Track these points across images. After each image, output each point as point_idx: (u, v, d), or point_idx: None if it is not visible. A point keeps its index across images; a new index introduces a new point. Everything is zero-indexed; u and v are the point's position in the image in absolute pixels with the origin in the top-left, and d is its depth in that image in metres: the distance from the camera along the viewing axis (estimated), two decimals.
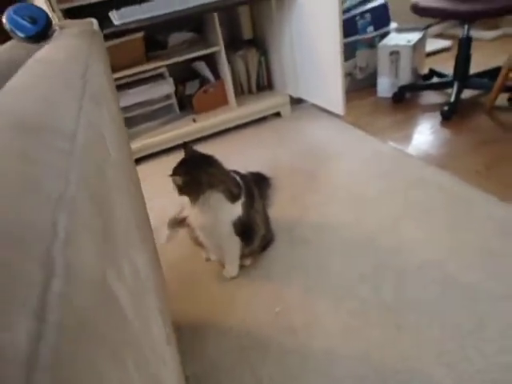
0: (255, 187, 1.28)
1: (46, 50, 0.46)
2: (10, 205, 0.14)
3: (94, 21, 0.77)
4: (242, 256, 1.29)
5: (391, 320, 1.06)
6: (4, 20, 0.70)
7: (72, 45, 0.50)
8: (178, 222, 1.21)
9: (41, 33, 0.69)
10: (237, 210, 1.16)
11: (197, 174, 1.09)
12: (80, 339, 0.13)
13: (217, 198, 1.11)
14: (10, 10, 0.71)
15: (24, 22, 0.70)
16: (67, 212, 0.16)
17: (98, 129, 0.29)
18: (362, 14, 2.29)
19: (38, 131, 0.20)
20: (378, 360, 0.97)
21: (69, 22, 0.75)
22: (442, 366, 0.93)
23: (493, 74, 2.04)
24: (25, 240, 0.13)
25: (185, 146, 1.17)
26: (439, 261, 1.21)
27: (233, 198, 1.14)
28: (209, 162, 1.14)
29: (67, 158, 0.19)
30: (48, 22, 0.71)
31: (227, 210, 1.15)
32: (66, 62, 0.39)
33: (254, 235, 1.25)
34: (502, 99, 1.99)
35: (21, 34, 0.71)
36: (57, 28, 0.71)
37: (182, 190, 1.11)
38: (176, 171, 1.11)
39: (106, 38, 1.70)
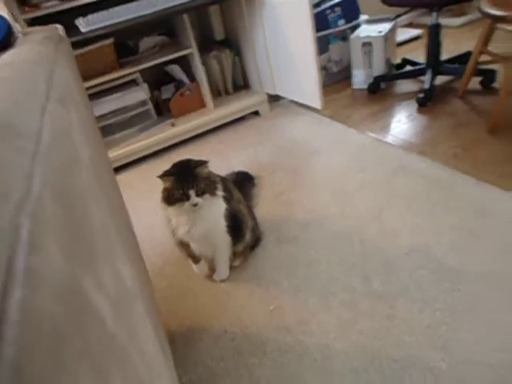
0: (230, 181, 1.29)
1: (8, 56, 0.43)
2: None
3: (59, 26, 0.74)
4: (234, 254, 1.28)
5: (383, 309, 1.06)
6: None
7: (36, 50, 0.48)
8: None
9: (2, 40, 0.66)
10: (221, 203, 1.15)
11: (189, 170, 1.08)
12: (50, 353, 0.11)
13: (207, 196, 1.10)
14: None
15: None
16: (31, 214, 0.14)
17: (65, 132, 0.27)
18: (332, 8, 2.30)
19: None
20: (373, 351, 0.97)
21: (32, 28, 0.73)
22: (437, 350, 0.93)
23: (463, 59, 2.08)
24: None
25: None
26: (425, 246, 1.22)
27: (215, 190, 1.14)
28: (192, 161, 1.13)
29: (31, 159, 0.18)
30: (9, 30, 0.68)
31: (216, 205, 1.14)
32: (29, 65, 0.37)
33: (243, 226, 1.25)
34: (474, 83, 2.03)
35: None
36: (19, 35, 0.68)
37: (173, 192, 1.07)
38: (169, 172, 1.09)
39: (75, 46, 1.66)
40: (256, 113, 2.30)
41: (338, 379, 0.93)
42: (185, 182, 1.06)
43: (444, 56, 2.15)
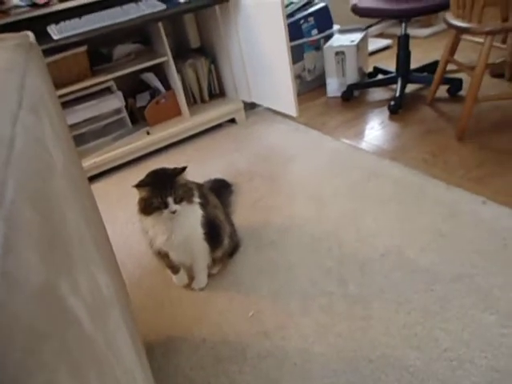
0: (205, 187, 1.30)
1: None
2: None
3: (30, 33, 0.73)
4: (213, 261, 1.27)
5: (359, 311, 1.08)
6: None
7: (6, 57, 0.47)
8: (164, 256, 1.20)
9: None
10: (198, 210, 1.15)
11: (166, 179, 1.07)
12: (27, 352, 0.11)
13: (184, 203, 1.09)
14: None
15: None
16: (6, 219, 0.14)
17: (38, 139, 0.27)
18: (305, 18, 2.35)
19: None
20: (350, 352, 0.99)
21: (1, 35, 0.71)
22: (411, 349, 0.96)
23: (431, 68, 2.16)
24: None
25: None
26: (398, 248, 1.25)
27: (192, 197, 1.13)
28: (168, 169, 1.13)
29: (4, 166, 0.18)
30: None
31: (193, 212, 1.13)
32: (0, 73, 0.37)
33: (221, 232, 1.25)
34: (442, 91, 2.11)
35: None
36: None
37: (150, 201, 1.06)
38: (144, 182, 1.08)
39: (47, 53, 1.63)
40: (232, 120, 2.31)
41: (317, 383, 0.93)
42: (162, 189, 1.05)
43: (413, 65, 2.23)
